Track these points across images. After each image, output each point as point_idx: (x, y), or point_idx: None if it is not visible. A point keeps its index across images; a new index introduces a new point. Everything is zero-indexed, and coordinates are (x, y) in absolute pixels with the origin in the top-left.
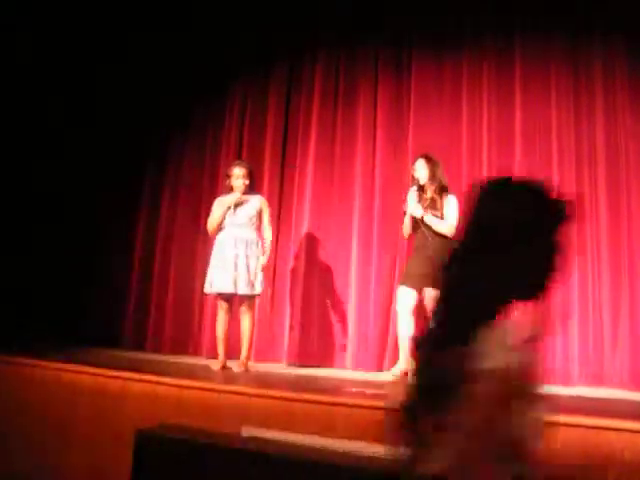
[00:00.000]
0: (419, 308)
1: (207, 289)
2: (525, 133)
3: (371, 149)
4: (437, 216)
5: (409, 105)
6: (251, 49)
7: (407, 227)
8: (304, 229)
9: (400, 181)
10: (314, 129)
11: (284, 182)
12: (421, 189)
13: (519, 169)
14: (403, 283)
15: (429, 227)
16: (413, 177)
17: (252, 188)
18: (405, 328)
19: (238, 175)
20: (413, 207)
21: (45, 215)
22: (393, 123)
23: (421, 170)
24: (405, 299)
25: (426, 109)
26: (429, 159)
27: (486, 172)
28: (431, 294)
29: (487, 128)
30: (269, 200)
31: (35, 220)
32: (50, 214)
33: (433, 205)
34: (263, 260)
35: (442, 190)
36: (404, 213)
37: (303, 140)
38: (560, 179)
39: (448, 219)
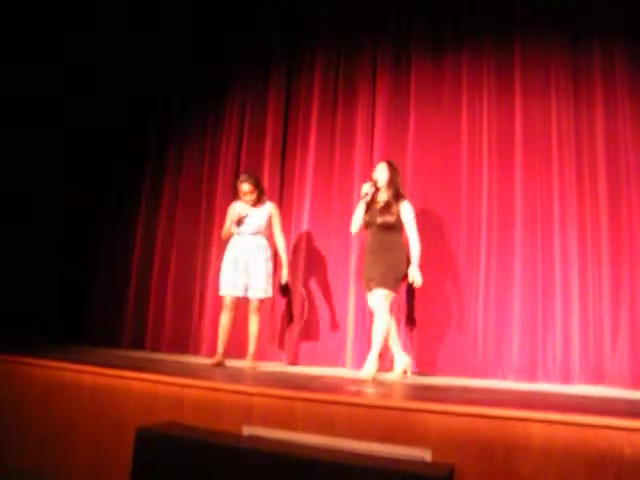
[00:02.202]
0: (392, 307)
1: (222, 291)
2: (525, 133)
3: (370, 149)
4: (390, 221)
5: (408, 106)
6: (250, 51)
7: (356, 220)
8: (304, 230)
9: None
10: (313, 130)
11: (284, 183)
12: (377, 191)
13: (519, 169)
14: (368, 289)
15: (381, 228)
16: (372, 178)
17: (261, 197)
18: (391, 331)
19: (245, 192)
20: (366, 188)
21: (46, 215)
22: (392, 124)
23: (382, 172)
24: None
25: (426, 110)
26: (390, 164)
27: (486, 173)
28: (378, 294)
29: (487, 129)
30: None
31: (36, 220)
32: (51, 214)
33: (387, 208)
34: (284, 274)
35: (397, 196)
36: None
37: (302, 141)
38: (560, 179)
39: (409, 228)
